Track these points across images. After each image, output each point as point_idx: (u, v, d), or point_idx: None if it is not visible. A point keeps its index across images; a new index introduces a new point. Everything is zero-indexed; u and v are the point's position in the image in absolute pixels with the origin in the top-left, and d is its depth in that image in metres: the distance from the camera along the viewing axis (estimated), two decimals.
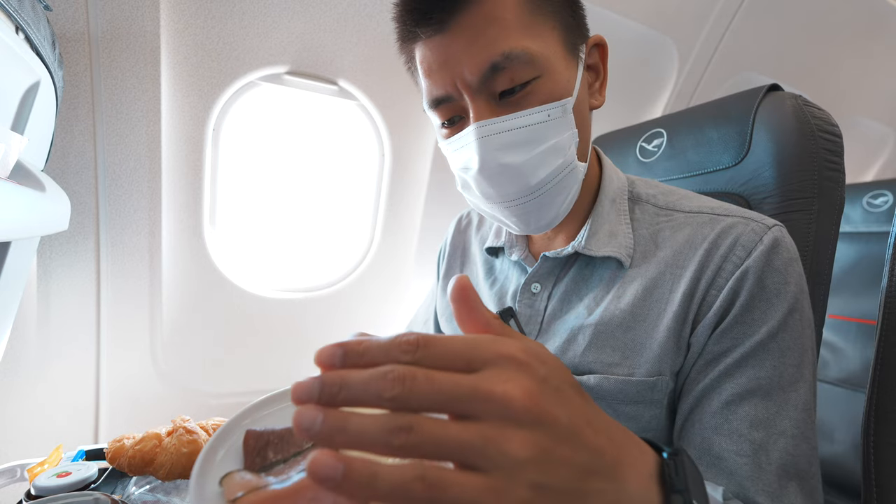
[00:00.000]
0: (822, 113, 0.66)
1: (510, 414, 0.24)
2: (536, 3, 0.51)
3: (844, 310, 1.48)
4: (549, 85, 0.51)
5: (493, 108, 0.52)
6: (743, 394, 0.48)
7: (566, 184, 0.55)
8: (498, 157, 0.52)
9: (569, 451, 0.25)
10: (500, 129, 0.51)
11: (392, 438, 0.22)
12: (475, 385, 0.24)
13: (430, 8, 0.50)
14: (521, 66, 0.50)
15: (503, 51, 0.49)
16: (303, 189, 1.35)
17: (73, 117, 0.91)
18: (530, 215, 0.57)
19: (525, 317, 0.63)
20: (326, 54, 1.11)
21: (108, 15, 0.88)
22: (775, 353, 0.48)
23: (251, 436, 0.37)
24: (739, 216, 0.54)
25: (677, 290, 0.52)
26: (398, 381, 0.23)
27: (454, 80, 0.51)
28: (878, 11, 1.60)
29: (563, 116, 0.52)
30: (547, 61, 0.51)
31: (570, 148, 0.54)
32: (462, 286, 0.30)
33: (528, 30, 0.50)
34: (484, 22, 0.49)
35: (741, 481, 0.47)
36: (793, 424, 0.47)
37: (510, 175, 0.53)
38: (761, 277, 0.49)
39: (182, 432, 0.60)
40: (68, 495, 0.58)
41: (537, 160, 0.52)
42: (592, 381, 0.54)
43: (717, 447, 0.48)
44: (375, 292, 1.38)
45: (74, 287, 1.00)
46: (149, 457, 0.56)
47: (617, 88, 1.49)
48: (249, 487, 0.32)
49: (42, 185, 0.67)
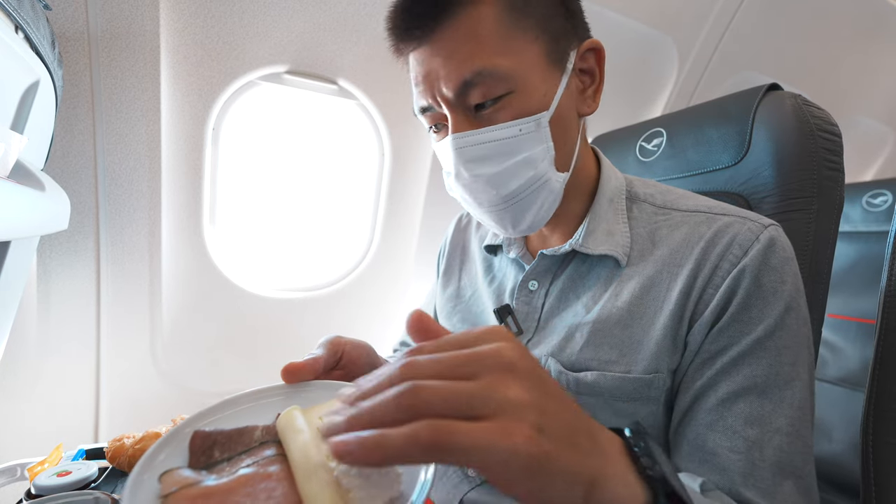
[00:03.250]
0: (821, 112, 0.66)
1: (506, 364, 0.27)
2: (516, 17, 0.52)
3: (844, 309, 1.48)
4: (521, 100, 0.53)
5: (469, 121, 0.54)
6: (739, 391, 0.49)
7: (540, 194, 0.56)
8: (471, 167, 0.55)
9: (558, 406, 0.28)
10: (473, 142, 0.54)
11: (402, 400, 0.25)
12: (472, 351, 0.27)
13: (410, 25, 0.53)
14: (492, 83, 0.51)
15: (474, 68, 0.51)
16: (302, 189, 1.35)
17: (73, 116, 0.91)
18: (506, 221, 0.59)
19: (522, 314, 0.63)
20: (326, 54, 1.11)
21: (108, 14, 0.88)
22: (772, 351, 0.49)
23: (198, 436, 0.38)
24: (736, 215, 0.55)
25: (674, 288, 0.53)
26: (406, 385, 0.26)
27: (434, 93, 0.54)
28: (878, 11, 1.60)
29: (537, 131, 0.53)
30: (521, 77, 0.52)
31: (543, 161, 0.55)
32: (416, 318, 0.35)
33: (504, 46, 0.51)
34: (460, 38, 0.51)
35: (733, 477, 0.47)
36: (788, 422, 0.47)
37: (482, 185, 0.56)
38: (758, 276, 0.50)
39: None
40: (68, 494, 0.58)
41: (509, 173, 0.54)
42: (590, 378, 0.54)
43: (710, 443, 0.49)
44: (375, 292, 1.38)
45: (74, 286, 1.00)
46: None
47: (617, 88, 1.49)
48: (185, 483, 0.33)
49: (42, 185, 0.67)
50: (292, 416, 0.39)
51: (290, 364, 0.47)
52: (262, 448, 0.37)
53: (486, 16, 0.51)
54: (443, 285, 0.81)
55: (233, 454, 0.37)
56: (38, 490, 0.63)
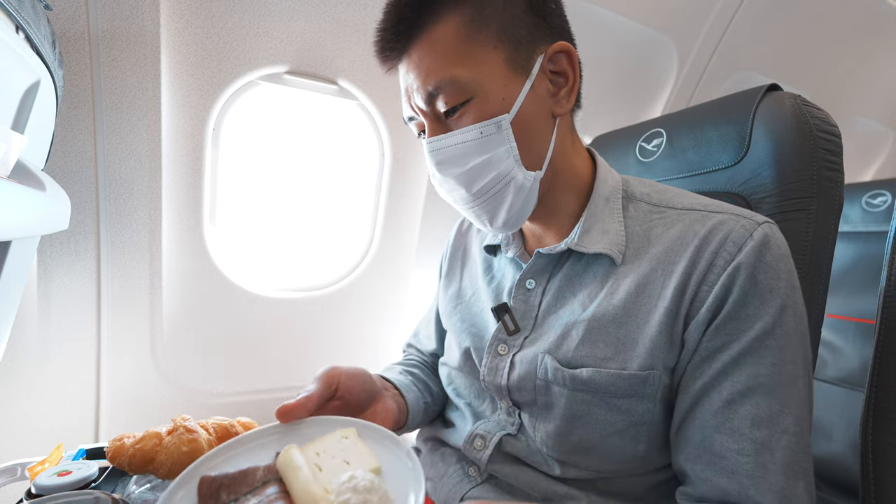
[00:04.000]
0: (821, 113, 0.66)
1: None
2: (475, 29, 0.55)
3: (843, 309, 1.48)
4: (482, 105, 0.56)
5: (441, 126, 0.59)
6: (744, 391, 0.49)
7: (508, 191, 0.59)
8: (442, 168, 0.60)
9: None
10: (441, 146, 0.59)
11: None
12: None
13: (386, 46, 0.59)
14: (453, 91, 0.55)
15: (436, 80, 0.55)
16: (303, 189, 1.35)
17: (74, 117, 0.92)
18: (483, 217, 0.62)
19: (520, 312, 0.64)
20: (326, 54, 1.11)
21: (109, 14, 0.88)
22: (774, 350, 0.49)
23: (205, 481, 0.42)
24: (730, 213, 0.55)
25: (668, 285, 0.53)
26: None
27: (412, 104, 0.60)
28: (878, 11, 1.60)
29: (498, 133, 0.56)
30: (480, 84, 0.55)
31: (506, 160, 0.57)
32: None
33: (463, 57, 0.55)
34: (425, 54, 0.56)
35: (742, 480, 0.47)
36: (794, 422, 0.48)
37: (453, 184, 0.60)
38: (753, 273, 0.50)
39: (182, 431, 0.60)
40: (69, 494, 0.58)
41: (473, 172, 0.58)
42: (585, 375, 0.55)
43: (718, 446, 0.49)
44: (375, 292, 1.38)
45: (74, 286, 1.00)
46: (149, 456, 0.57)
47: (617, 88, 1.49)
48: None
49: (42, 185, 0.67)
50: (290, 454, 0.43)
51: (283, 406, 0.50)
52: (265, 487, 0.41)
53: (445, 32, 0.55)
54: (445, 287, 0.83)
55: (239, 495, 0.41)
56: (38, 490, 0.63)
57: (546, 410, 0.58)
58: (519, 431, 0.63)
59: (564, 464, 0.58)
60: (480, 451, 0.64)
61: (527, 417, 0.61)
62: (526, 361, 0.60)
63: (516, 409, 0.63)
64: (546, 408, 0.58)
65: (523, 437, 0.62)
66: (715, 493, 0.49)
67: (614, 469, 0.57)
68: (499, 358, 0.64)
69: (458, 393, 0.73)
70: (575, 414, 0.56)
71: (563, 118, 0.62)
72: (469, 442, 0.65)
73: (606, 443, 0.55)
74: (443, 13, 0.55)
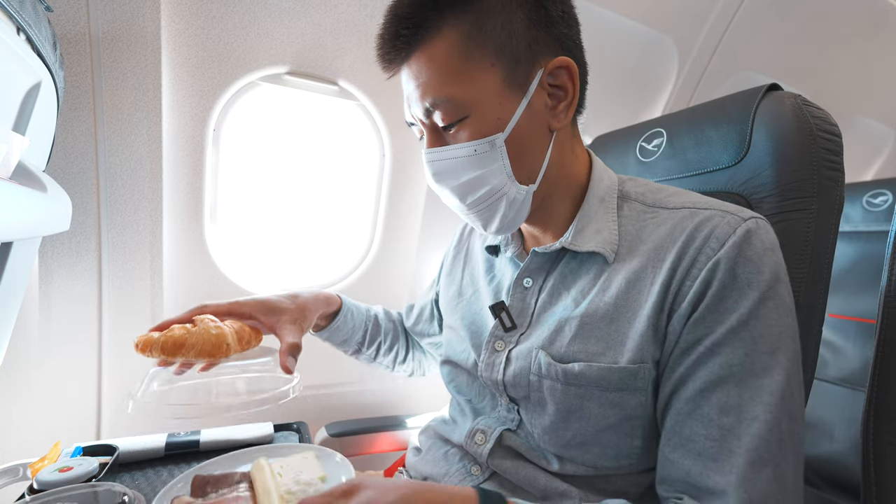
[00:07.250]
0: (821, 112, 0.66)
1: None
2: (472, 46, 0.55)
3: (844, 309, 1.48)
4: (477, 124, 0.57)
5: (439, 137, 0.61)
6: (716, 381, 0.50)
7: (500, 204, 0.61)
8: (438, 178, 0.62)
9: None
10: (437, 158, 0.60)
11: None
12: None
13: (386, 55, 0.59)
14: (449, 109, 0.57)
15: (432, 97, 0.57)
16: (303, 189, 1.36)
17: (75, 118, 0.92)
18: (477, 222, 0.65)
19: (517, 310, 0.66)
20: (326, 54, 1.11)
21: (109, 16, 0.88)
22: (747, 340, 0.49)
23: (198, 478, 0.61)
24: (718, 209, 0.56)
25: (657, 281, 0.54)
26: None
27: (411, 112, 0.61)
28: (878, 11, 1.60)
29: (491, 150, 0.58)
30: (475, 103, 0.56)
31: (499, 176, 0.59)
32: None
33: (459, 76, 0.56)
34: (423, 68, 0.57)
35: (707, 462, 0.48)
36: (766, 410, 0.48)
37: (448, 194, 0.63)
38: (733, 268, 0.51)
39: (208, 320, 0.63)
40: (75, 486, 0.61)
41: (466, 186, 0.60)
42: (577, 369, 0.56)
43: (687, 430, 0.51)
44: (375, 292, 1.38)
45: (76, 287, 1.01)
46: (180, 340, 0.57)
47: (617, 88, 1.49)
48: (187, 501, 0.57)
49: (43, 186, 0.68)
50: (260, 464, 0.63)
51: None
52: (238, 485, 0.60)
53: (442, 49, 0.55)
54: (446, 285, 0.85)
55: (219, 490, 0.60)
56: (40, 485, 0.64)
57: (541, 405, 0.60)
58: (518, 427, 0.64)
59: (562, 459, 0.59)
60: (481, 446, 0.65)
61: (524, 413, 0.63)
62: (521, 357, 0.62)
63: (514, 405, 0.64)
64: (541, 402, 0.60)
65: (523, 432, 0.64)
66: (678, 474, 0.51)
67: (612, 465, 0.58)
68: (495, 354, 0.66)
69: (459, 390, 0.75)
70: (569, 408, 0.57)
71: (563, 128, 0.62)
72: (470, 437, 0.67)
73: (602, 437, 0.56)
74: (441, 28, 0.55)
